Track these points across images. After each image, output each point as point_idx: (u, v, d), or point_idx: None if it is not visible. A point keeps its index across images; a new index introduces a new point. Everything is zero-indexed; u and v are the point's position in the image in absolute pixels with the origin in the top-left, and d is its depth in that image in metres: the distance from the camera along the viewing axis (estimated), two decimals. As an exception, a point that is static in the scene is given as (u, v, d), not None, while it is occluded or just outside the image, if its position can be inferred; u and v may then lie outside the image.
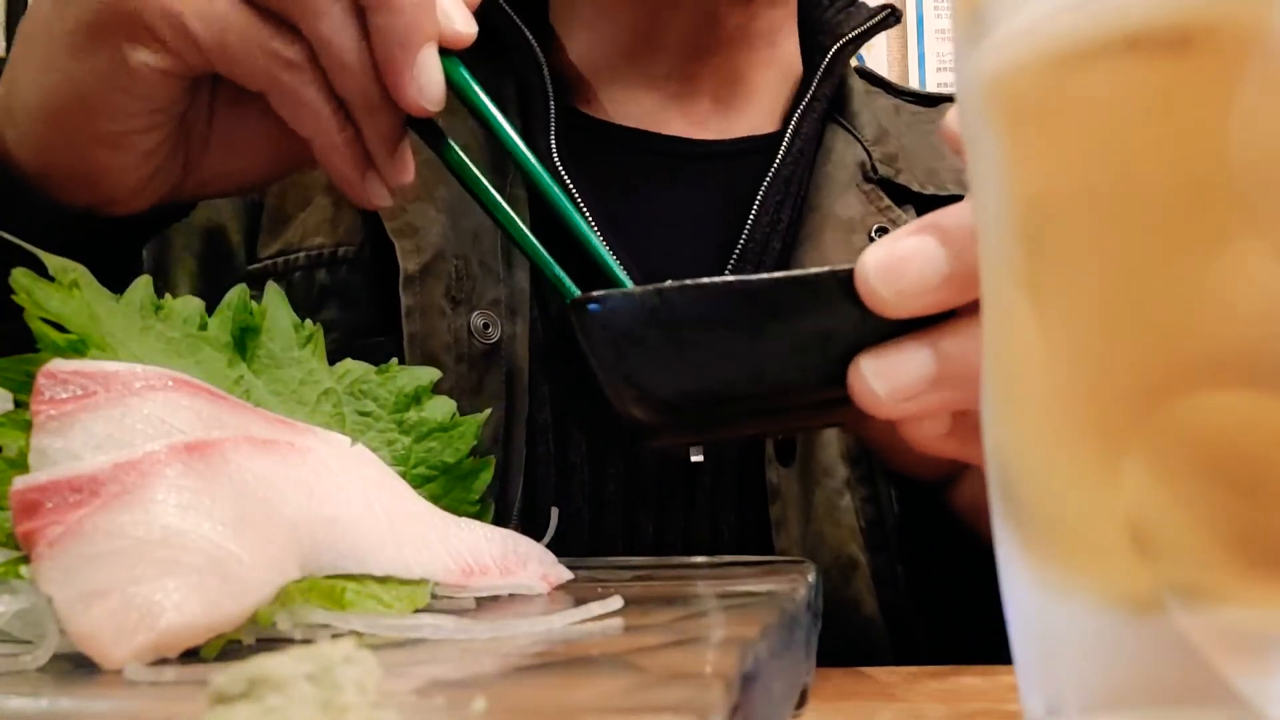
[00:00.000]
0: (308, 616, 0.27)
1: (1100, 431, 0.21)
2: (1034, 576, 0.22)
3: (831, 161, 0.70)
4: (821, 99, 0.71)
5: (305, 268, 0.62)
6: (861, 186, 0.69)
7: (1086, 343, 0.21)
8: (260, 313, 0.39)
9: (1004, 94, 0.22)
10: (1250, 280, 0.19)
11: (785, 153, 0.68)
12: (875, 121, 0.73)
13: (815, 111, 0.70)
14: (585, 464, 0.62)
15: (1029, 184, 0.22)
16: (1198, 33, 0.19)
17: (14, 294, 0.32)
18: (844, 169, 0.70)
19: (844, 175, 0.69)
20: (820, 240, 0.67)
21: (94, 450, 0.27)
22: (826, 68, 0.70)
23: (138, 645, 0.23)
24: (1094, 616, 0.20)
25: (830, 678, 0.40)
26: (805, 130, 0.69)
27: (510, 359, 0.60)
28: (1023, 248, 0.22)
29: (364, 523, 0.31)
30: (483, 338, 0.59)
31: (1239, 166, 0.19)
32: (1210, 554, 0.19)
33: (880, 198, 0.69)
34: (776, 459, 0.61)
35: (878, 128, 0.73)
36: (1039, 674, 0.22)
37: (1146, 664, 0.20)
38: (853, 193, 0.69)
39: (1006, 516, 0.23)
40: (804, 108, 0.70)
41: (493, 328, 0.60)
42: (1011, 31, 0.22)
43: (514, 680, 0.23)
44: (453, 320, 0.59)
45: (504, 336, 0.60)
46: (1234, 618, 0.19)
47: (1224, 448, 0.19)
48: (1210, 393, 0.19)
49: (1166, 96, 0.19)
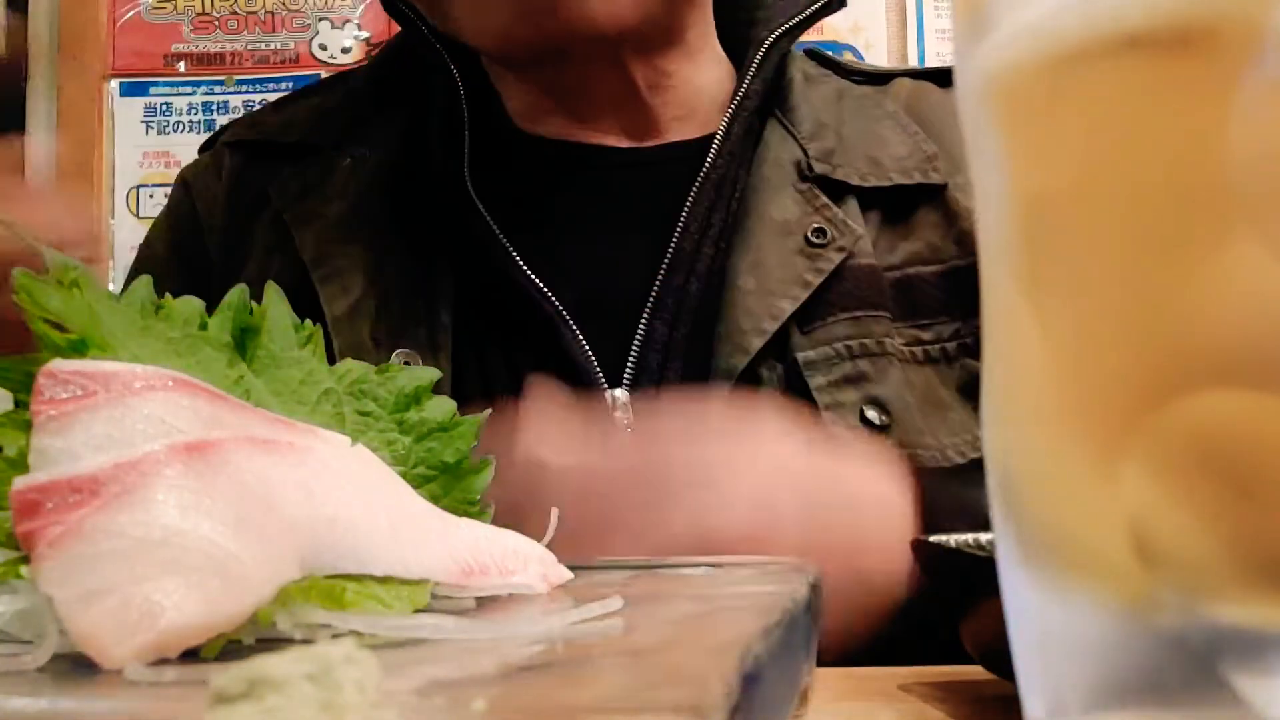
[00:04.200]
0: (308, 616, 0.27)
1: (1100, 431, 0.21)
2: (1034, 577, 0.22)
3: (767, 162, 0.69)
4: (753, 96, 0.69)
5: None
6: (797, 186, 0.68)
7: (1086, 343, 0.21)
8: (260, 313, 0.39)
9: (1004, 94, 0.22)
10: (1250, 280, 0.19)
11: (715, 155, 0.67)
12: (813, 115, 0.71)
13: (747, 110, 0.69)
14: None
15: (1029, 184, 0.22)
16: (1197, 33, 0.19)
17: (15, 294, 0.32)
18: (779, 169, 0.68)
19: (779, 175, 0.68)
20: (754, 244, 0.66)
21: (94, 450, 0.27)
22: (759, 64, 0.69)
23: (138, 645, 0.23)
24: (1094, 617, 0.20)
25: (830, 678, 0.40)
26: (737, 130, 0.68)
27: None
28: (1023, 247, 0.22)
29: (364, 523, 0.31)
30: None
31: (1239, 166, 0.19)
32: (1210, 554, 0.19)
33: (817, 196, 0.67)
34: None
35: (815, 121, 0.71)
36: (1039, 674, 0.22)
37: (1146, 664, 0.20)
38: (788, 193, 0.67)
39: (1006, 517, 0.23)
40: (735, 107, 0.68)
41: (413, 364, 0.61)
42: (1011, 31, 0.22)
43: (514, 680, 0.23)
44: (377, 358, 0.57)
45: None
46: (1234, 618, 0.19)
47: (1224, 448, 0.19)
48: (1210, 393, 0.19)
49: (1166, 96, 0.19)
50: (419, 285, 0.64)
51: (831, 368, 0.63)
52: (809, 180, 0.68)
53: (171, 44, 2.06)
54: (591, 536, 0.48)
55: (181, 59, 2.05)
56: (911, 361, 0.66)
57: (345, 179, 0.69)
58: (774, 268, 0.65)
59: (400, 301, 0.63)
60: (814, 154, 0.69)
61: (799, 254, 0.65)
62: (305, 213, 0.68)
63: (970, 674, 0.39)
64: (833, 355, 0.64)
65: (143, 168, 2.02)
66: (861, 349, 0.64)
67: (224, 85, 2.05)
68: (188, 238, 0.74)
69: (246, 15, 2.06)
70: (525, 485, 0.48)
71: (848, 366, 0.64)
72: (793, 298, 0.64)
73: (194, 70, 2.05)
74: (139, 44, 2.06)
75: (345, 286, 0.63)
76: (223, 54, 2.06)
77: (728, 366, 0.63)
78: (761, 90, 0.69)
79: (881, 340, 0.65)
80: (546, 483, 0.50)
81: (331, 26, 2.04)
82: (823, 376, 0.63)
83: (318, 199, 0.68)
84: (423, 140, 0.69)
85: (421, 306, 0.63)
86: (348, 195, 0.68)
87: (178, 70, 2.05)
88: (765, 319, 0.63)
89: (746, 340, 0.63)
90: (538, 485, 0.49)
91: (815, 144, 0.69)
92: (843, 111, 0.73)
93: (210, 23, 2.06)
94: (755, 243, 0.66)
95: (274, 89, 2.03)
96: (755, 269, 0.65)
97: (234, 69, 2.05)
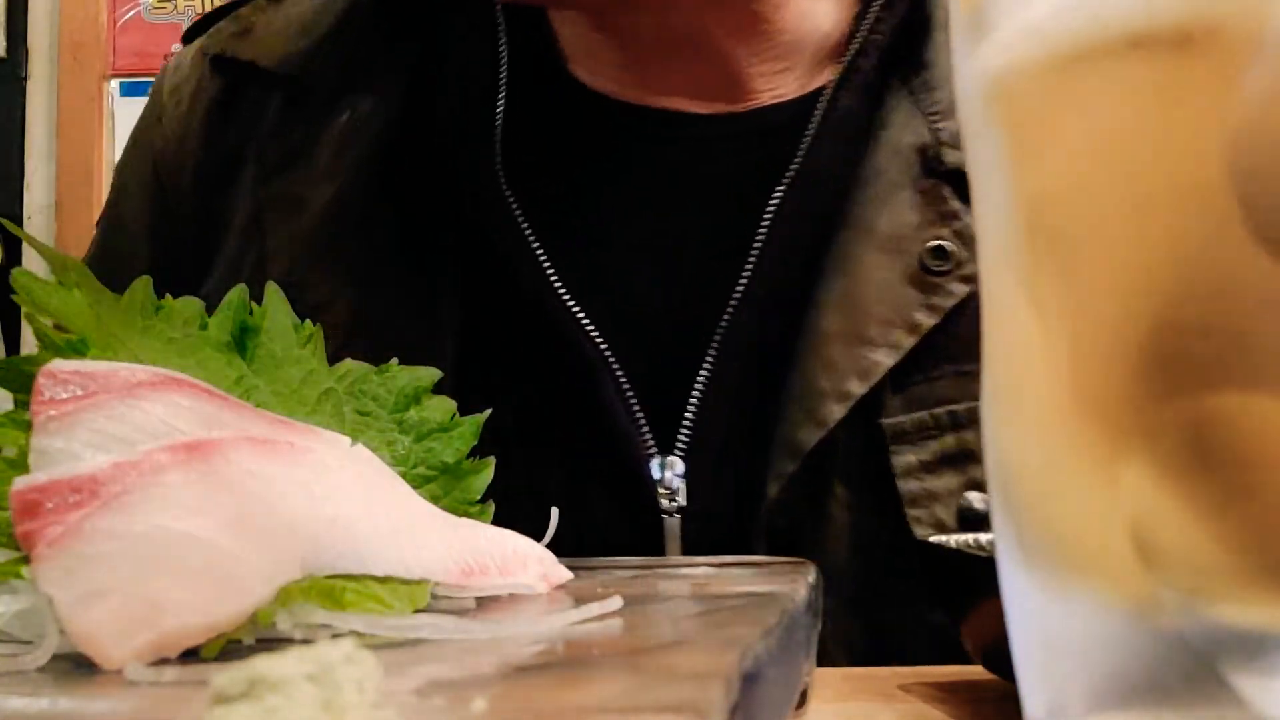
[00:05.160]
0: (308, 616, 0.27)
1: (1100, 431, 0.21)
2: (1034, 577, 0.22)
3: (884, 147, 0.50)
4: (873, 49, 0.49)
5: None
6: (919, 184, 0.49)
7: (1087, 342, 0.21)
8: (260, 313, 0.39)
9: (1005, 94, 0.22)
10: (1250, 280, 0.19)
11: (813, 140, 0.49)
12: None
13: (865, 67, 0.49)
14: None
15: (1030, 183, 0.22)
16: (1199, 33, 0.19)
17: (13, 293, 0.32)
18: (897, 157, 0.49)
19: (897, 167, 0.49)
20: (849, 267, 0.48)
21: (94, 450, 0.27)
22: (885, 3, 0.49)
23: (138, 645, 0.23)
24: (1094, 617, 0.20)
25: (830, 678, 0.40)
26: (845, 103, 0.49)
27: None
28: (1023, 247, 0.22)
29: (364, 523, 0.31)
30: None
31: (1239, 166, 0.19)
32: (1210, 554, 0.19)
33: (944, 200, 0.48)
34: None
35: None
36: (1040, 674, 0.22)
37: (1147, 664, 0.20)
38: (905, 194, 0.49)
39: (1007, 517, 0.23)
40: (844, 70, 0.49)
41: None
42: (1012, 31, 0.21)
43: (514, 680, 0.23)
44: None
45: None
46: (1234, 618, 0.19)
47: (1224, 448, 0.19)
48: (1210, 393, 0.19)
49: (1167, 96, 0.19)
50: (417, 312, 0.50)
51: (925, 440, 0.47)
52: (936, 176, 0.49)
53: (171, 44, 2.06)
54: None
55: (181, 59, 2.06)
56: None
57: (338, 145, 0.53)
58: (874, 302, 0.48)
59: (395, 334, 0.48)
60: (947, 139, 0.49)
61: (910, 283, 0.48)
62: (284, 197, 0.53)
63: (970, 674, 0.40)
64: (929, 424, 0.47)
65: (143, 168, 2.02)
66: (969, 416, 0.47)
67: (224, 85, 2.05)
68: (161, 180, 0.60)
69: (246, 15, 2.07)
70: None
71: (950, 441, 0.47)
72: (893, 346, 0.47)
73: (194, 70, 2.05)
74: (139, 44, 2.06)
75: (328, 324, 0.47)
76: (223, 54, 2.06)
77: (795, 442, 0.47)
78: (887, 39, 0.49)
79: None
80: None
81: (331, 26, 2.04)
82: (913, 454, 0.47)
83: (302, 172, 0.54)
84: (434, 94, 0.52)
85: (420, 345, 0.46)
86: (337, 175, 0.53)
87: (178, 70, 2.05)
88: (852, 378, 0.47)
89: (824, 409, 0.47)
90: None
91: (951, 123, 0.49)
92: None
93: (210, 23, 2.07)
94: (852, 265, 0.48)
95: (274, 89, 2.03)
96: (847, 303, 0.48)
97: (234, 69, 2.05)
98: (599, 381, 0.48)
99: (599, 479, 0.48)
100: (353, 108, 0.54)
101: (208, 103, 0.59)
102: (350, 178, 0.53)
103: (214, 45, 0.60)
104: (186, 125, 0.59)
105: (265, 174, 0.55)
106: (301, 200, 0.53)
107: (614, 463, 0.48)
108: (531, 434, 0.48)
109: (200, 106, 0.59)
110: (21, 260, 1.84)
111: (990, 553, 0.34)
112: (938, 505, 0.47)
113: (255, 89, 0.57)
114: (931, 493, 0.47)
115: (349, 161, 0.53)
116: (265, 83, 0.57)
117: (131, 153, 0.64)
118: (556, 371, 0.49)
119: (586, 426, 0.48)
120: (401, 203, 0.52)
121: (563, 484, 0.47)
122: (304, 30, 0.57)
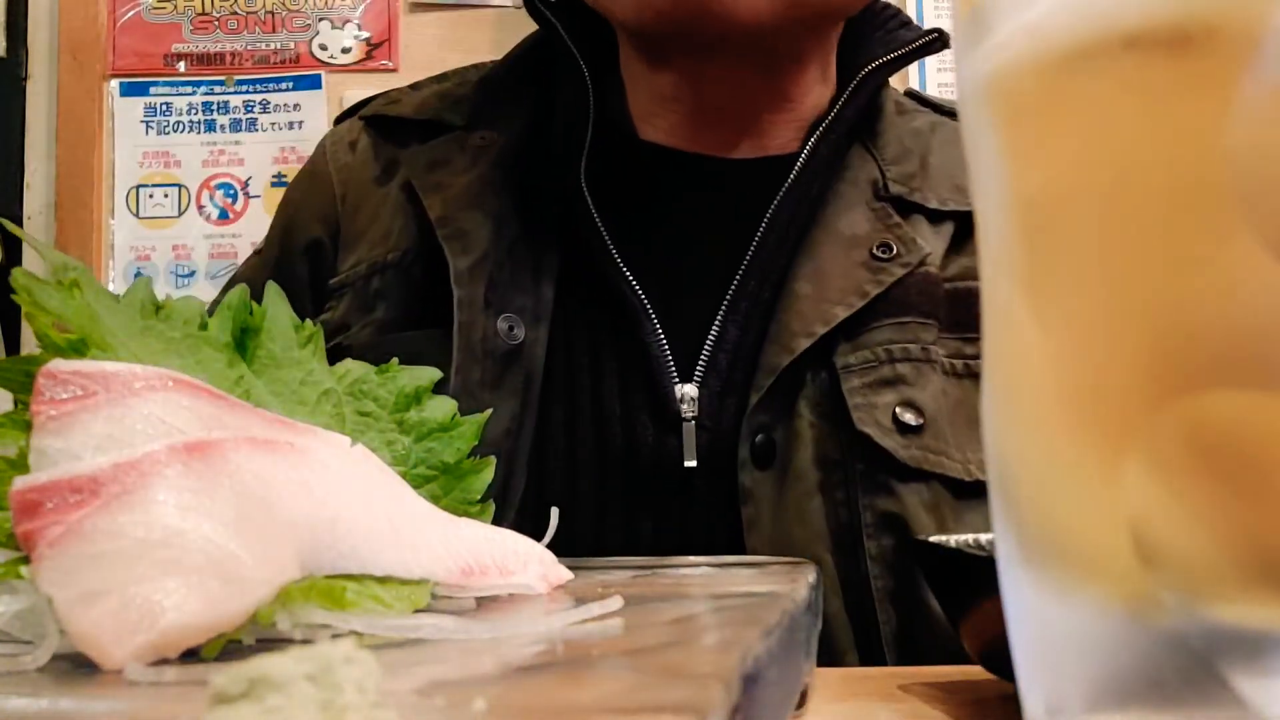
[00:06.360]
0: (308, 616, 0.27)
1: (1100, 431, 0.21)
2: (1034, 576, 0.22)
3: (845, 180, 0.71)
4: (844, 121, 0.71)
5: (366, 275, 0.70)
6: (871, 204, 0.69)
7: (1086, 343, 0.21)
8: (260, 313, 0.39)
9: (1004, 94, 0.22)
10: (1250, 280, 0.19)
11: (800, 172, 0.70)
12: (900, 141, 0.73)
13: (836, 133, 0.71)
14: (593, 464, 0.65)
15: (1029, 184, 0.22)
16: (1197, 33, 0.19)
17: (13, 293, 0.33)
18: (855, 187, 0.70)
19: (854, 192, 0.70)
20: (818, 253, 0.68)
21: (94, 450, 0.27)
22: (852, 92, 0.71)
23: (138, 645, 0.23)
24: (1094, 616, 0.20)
25: (830, 678, 0.40)
26: (823, 152, 0.70)
27: (529, 362, 0.65)
28: (1023, 248, 0.22)
29: (364, 523, 0.31)
30: (508, 338, 0.64)
31: (1238, 166, 0.19)
32: (1210, 554, 0.19)
33: (889, 215, 0.69)
34: (752, 463, 0.63)
35: (901, 147, 0.73)
36: (1039, 674, 0.22)
37: (1146, 664, 0.20)
38: (860, 210, 0.69)
39: (1006, 516, 0.23)
40: (823, 130, 0.71)
41: (517, 329, 0.65)
42: (1011, 31, 0.22)
43: (514, 680, 0.23)
44: (486, 318, 0.65)
45: (526, 341, 0.65)
46: (1234, 618, 0.19)
47: (1224, 448, 0.19)
48: (1210, 393, 0.19)
49: (1165, 96, 0.19)
50: (529, 258, 0.68)
51: (869, 371, 0.64)
52: (884, 200, 0.70)
53: (171, 44, 2.06)
54: None
55: (181, 59, 2.05)
56: (951, 374, 0.66)
57: (473, 156, 0.73)
58: (835, 277, 0.66)
59: (511, 269, 0.67)
60: (893, 176, 0.71)
61: (862, 266, 0.67)
62: (433, 182, 0.72)
63: (970, 674, 0.40)
64: (871, 359, 0.64)
65: (143, 168, 2.02)
66: (903, 353, 0.65)
67: (224, 85, 2.04)
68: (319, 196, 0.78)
69: (246, 15, 2.06)
70: None
71: (886, 370, 0.64)
72: (848, 305, 0.65)
73: (194, 70, 2.05)
74: (139, 44, 2.06)
75: (466, 246, 0.67)
76: (223, 54, 2.05)
77: (771, 365, 0.64)
78: (853, 116, 0.72)
79: (926, 347, 0.65)
80: None
81: (331, 26, 2.04)
82: (859, 379, 0.64)
83: (445, 172, 0.72)
84: (546, 131, 0.73)
85: (529, 278, 0.67)
86: (473, 170, 0.72)
87: (178, 70, 2.05)
88: (817, 323, 0.64)
89: (794, 341, 0.64)
90: None
91: (897, 168, 0.71)
92: (932, 141, 0.74)
93: (210, 23, 2.06)
94: (820, 252, 0.67)
95: (274, 89, 2.02)
96: (816, 276, 0.67)
97: (234, 69, 2.05)
98: (641, 326, 0.67)
99: (641, 397, 0.66)
100: (483, 133, 0.74)
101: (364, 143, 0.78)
102: (482, 174, 0.71)
103: (368, 111, 0.80)
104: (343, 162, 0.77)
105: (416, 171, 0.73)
106: (447, 184, 0.72)
107: (650, 386, 0.66)
108: (597, 364, 0.67)
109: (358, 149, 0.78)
110: (21, 260, 1.84)
111: (990, 553, 0.34)
112: (877, 412, 0.63)
113: (403, 132, 0.77)
114: (872, 404, 0.63)
115: (482, 163, 0.72)
116: (410, 129, 0.77)
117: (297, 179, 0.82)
118: (613, 315, 0.68)
119: (632, 360, 0.67)
120: (520, 189, 0.71)
121: (615, 399, 0.66)
122: (442, 96, 0.79)
